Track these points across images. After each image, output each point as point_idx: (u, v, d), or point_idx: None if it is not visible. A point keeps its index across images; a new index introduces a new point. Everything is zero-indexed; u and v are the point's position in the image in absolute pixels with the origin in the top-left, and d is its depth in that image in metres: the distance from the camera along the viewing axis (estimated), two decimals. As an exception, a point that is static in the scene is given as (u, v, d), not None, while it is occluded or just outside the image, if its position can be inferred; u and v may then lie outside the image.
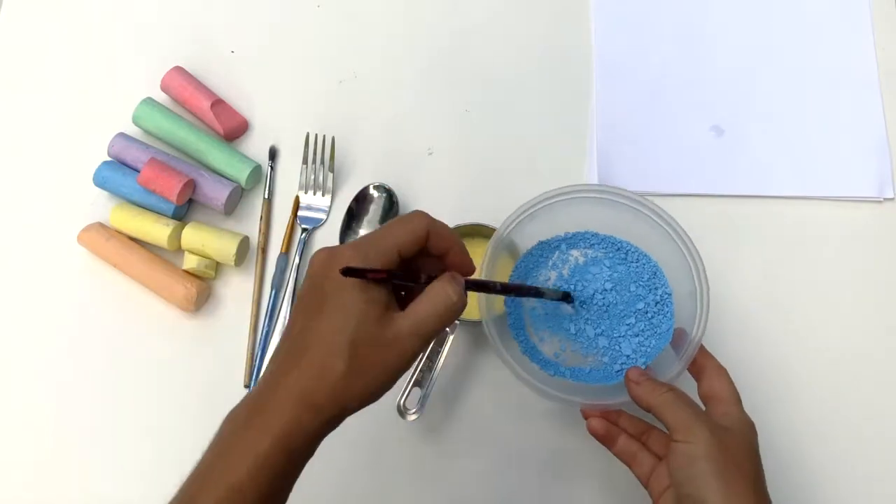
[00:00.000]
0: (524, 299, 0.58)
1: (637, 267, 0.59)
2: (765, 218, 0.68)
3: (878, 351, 0.64)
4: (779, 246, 0.67)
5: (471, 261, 0.47)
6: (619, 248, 0.60)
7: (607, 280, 0.59)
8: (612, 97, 0.72)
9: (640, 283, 0.58)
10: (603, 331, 0.57)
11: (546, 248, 0.60)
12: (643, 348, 0.56)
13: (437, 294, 0.43)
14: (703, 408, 0.50)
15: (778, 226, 0.68)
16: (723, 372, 0.51)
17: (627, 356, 0.56)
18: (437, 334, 0.44)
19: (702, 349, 0.53)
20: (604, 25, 0.74)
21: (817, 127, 0.71)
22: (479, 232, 0.64)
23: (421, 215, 0.44)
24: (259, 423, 0.41)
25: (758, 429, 0.49)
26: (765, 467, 0.48)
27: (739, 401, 0.50)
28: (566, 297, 0.57)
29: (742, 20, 0.75)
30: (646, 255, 0.59)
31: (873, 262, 0.67)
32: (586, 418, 0.53)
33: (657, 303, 0.58)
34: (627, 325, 0.57)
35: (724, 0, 0.75)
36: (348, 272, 0.40)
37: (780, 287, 0.66)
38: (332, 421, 0.41)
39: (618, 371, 0.56)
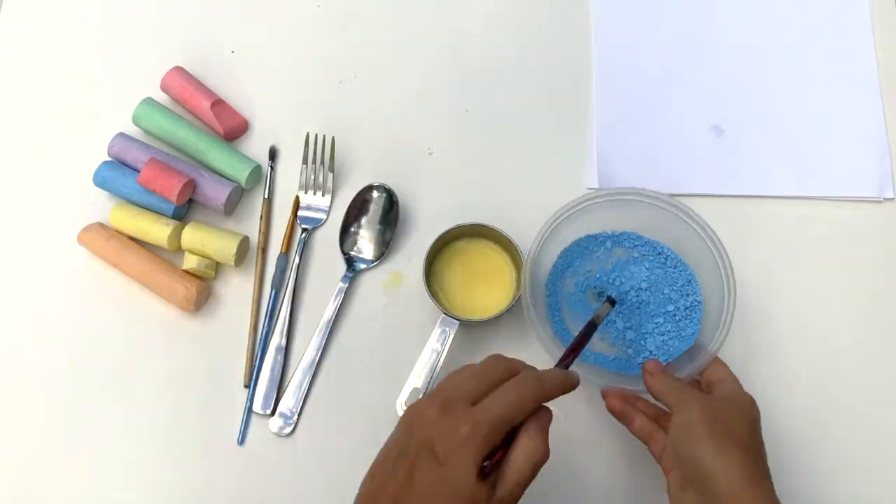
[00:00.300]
0: (563, 284, 0.63)
1: (674, 272, 0.63)
2: (765, 218, 0.68)
3: (878, 350, 0.64)
4: (779, 246, 0.67)
5: (572, 382, 0.48)
6: (659, 253, 0.63)
7: (644, 280, 0.63)
8: (612, 97, 0.72)
9: (675, 287, 0.62)
10: (632, 325, 0.61)
11: (592, 242, 0.64)
12: (666, 347, 0.60)
13: (522, 456, 0.43)
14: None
15: (778, 226, 0.68)
16: (722, 363, 0.55)
17: (650, 352, 0.60)
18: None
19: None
20: (604, 25, 0.74)
21: (817, 127, 0.71)
22: (479, 232, 0.64)
23: (532, 390, 0.44)
24: None
25: (758, 428, 0.50)
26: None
27: (738, 382, 0.54)
28: (612, 303, 0.60)
29: (742, 20, 0.75)
30: (683, 263, 0.63)
31: (873, 262, 0.67)
32: (605, 398, 0.56)
33: (687, 308, 0.62)
34: (656, 323, 0.61)
35: (724, 0, 0.75)
36: (486, 473, 0.41)
37: (780, 287, 0.66)
38: None
39: (640, 363, 0.59)
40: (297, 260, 0.66)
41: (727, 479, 0.47)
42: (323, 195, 0.69)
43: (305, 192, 0.69)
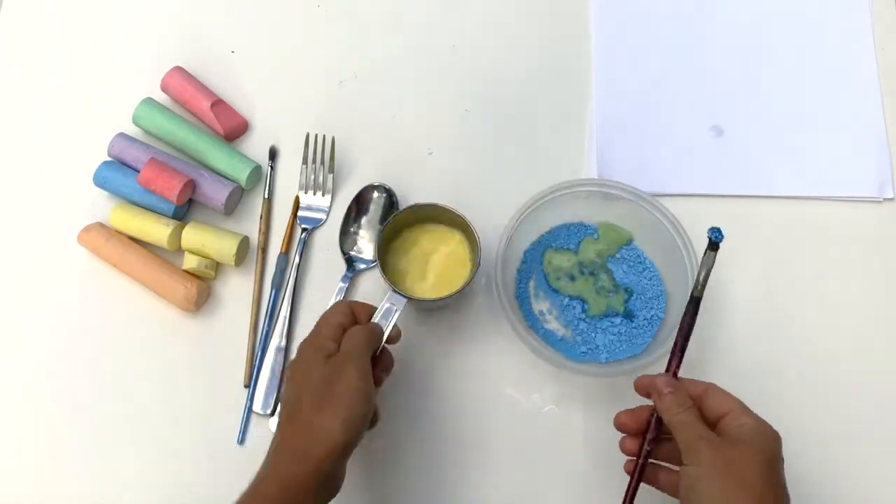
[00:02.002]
0: (544, 259, 0.65)
1: (647, 283, 0.64)
2: (765, 218, 0.68)
3: (878, 350, 0.64)
4: (779, 246, 0.67)
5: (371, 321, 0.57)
6: (641, 262, 0.65)
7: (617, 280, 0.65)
8: (611, 97, 0.72)
9: (643, 298, 0.64)
10: (589, 317, 0.64)
11: (581, 229, 0.67)
12: (613, 347, 0.63)
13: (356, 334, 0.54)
14: (717, 427, 0.49)
15: (778, 226, 0.68)
16: (716, 387, 0.51)
17: (596, 346, 0.63)
18: (363, 355, 0.53)
19: (682, 380, 0.52)
20: (604, 26, 0.74)
21: (817, 127, 0.71)
22: (433, 216, 0.63)
23: (342, 303, 0.59)
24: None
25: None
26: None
27: (747, 409, 0.49)
28: None
29: (742, 20, 0.75)
30: (659, 279, 0.64)
31: (873, 262, 0.67)
32: (624, 452, 0.53)
33: (646, 320, 0.63)
34: (611, 321, 0.63)
35: (725, 0, 0.75)
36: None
37: (780, 287, 0.66)
38: (345, 452, 0.50)
39: (582, 352, 0.62)
40: (297, 260, 0.66)
41: None
42: (323, 195, 0.69)
43: (305, 192, 0.69)
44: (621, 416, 0.53)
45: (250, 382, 0.63)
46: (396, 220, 0.62)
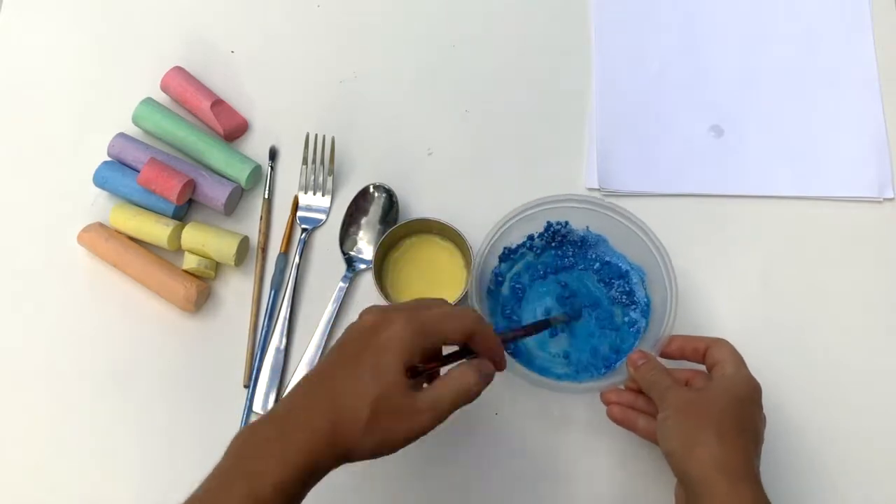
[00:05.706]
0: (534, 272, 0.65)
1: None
2: (765, 218, 0.68)
3: (877, 351, 0.64)
4: (778, 246, 0.67)
5: (503, 359, 0.50)
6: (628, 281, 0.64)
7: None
8: (612, 97, 0.72)
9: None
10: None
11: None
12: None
13: (458, 379, 0.46)
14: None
15: (778, 226, 0.68)
16: (723, 342, 0.55)
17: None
18: (450, 413, 0.46)
19: (694, 338, 0.57)
20: (604, 25, 0.74)
21: (817, 127, 0.71)
22: (427, 228, 0.65)
23: (472, 317, 0.47)
24: (280, 450, 0.43)
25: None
26: (763, 468, 0.49)
27: (739, 363, 0.53)
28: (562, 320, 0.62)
29: (742, 20, 0.75)
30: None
31: (873, 262, 0.67)
32: (607, 404, 0.57)
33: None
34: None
35: (725, 0, 0.75)
36: (414, 372, 0.45)
37: (780, 287, 0.66)
38: (339, 462, 0.45)
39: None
40: (296, 260, 0.66)
41: (698, 467, 0.48)
42: (323, 195, 0.69)
43: (305, 193, 0.69)
44: (609, 395, 0.57)
45: (250, 382, 0.63)
46: (394, 234, 0.64)
